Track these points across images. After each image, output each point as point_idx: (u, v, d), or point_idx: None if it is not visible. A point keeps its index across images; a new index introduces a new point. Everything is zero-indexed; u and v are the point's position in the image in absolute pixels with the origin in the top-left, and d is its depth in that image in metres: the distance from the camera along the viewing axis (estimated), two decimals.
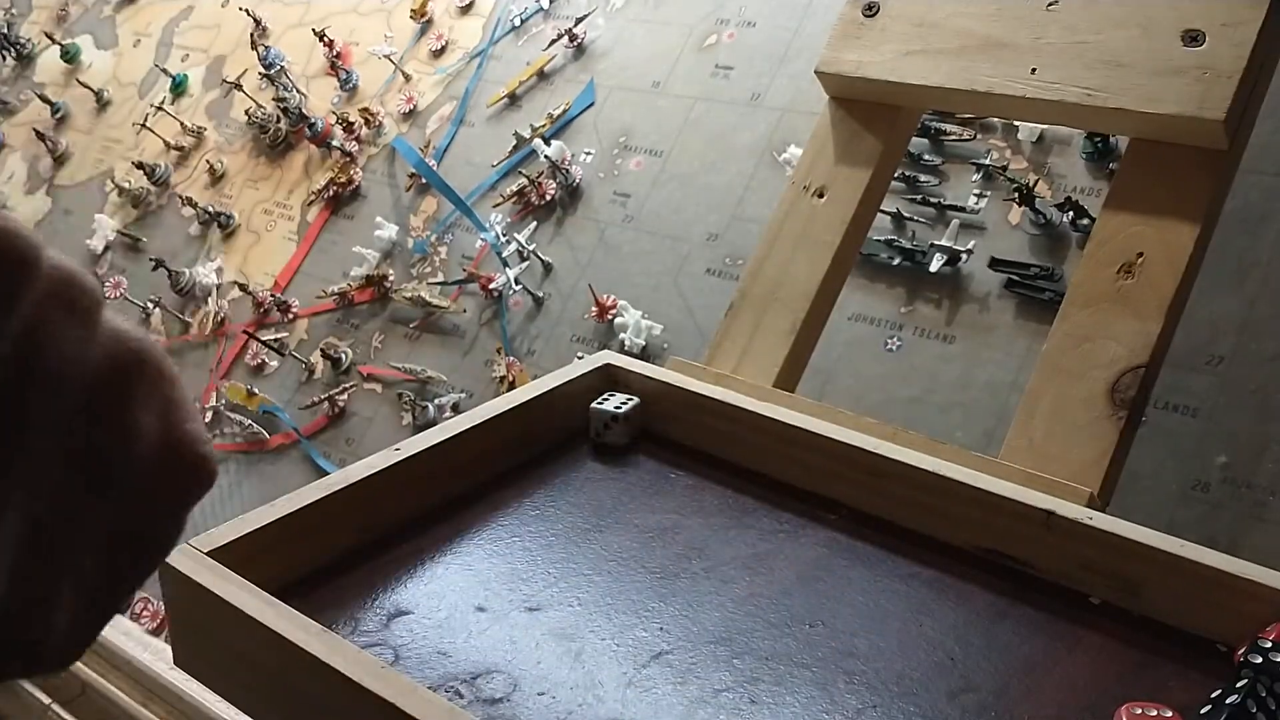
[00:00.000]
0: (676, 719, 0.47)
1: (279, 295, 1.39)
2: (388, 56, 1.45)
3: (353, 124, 1.44)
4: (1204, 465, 0.81)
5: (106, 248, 1.62)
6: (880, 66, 0.77)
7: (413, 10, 1.48)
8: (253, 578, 0.53)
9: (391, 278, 1.31)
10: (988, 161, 0.99)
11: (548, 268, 1.20)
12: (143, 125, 1.65)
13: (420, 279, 1.29)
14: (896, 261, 1.00)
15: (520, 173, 1.26)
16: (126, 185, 1.63)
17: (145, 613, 1.28)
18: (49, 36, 1.84)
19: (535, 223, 1.23)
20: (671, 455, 0.68)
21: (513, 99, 1.34)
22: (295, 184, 1.49)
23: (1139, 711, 0.45)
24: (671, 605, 0.54)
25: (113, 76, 1.79)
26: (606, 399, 0.70)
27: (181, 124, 1.62)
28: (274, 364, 1.37)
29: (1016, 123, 0.99)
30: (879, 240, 1.00)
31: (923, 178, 1.02)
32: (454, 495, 0.66)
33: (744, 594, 0.55)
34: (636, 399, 0.70)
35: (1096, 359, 0.65)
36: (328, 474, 0.74)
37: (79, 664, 1.24)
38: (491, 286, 1.21)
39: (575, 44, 1.32)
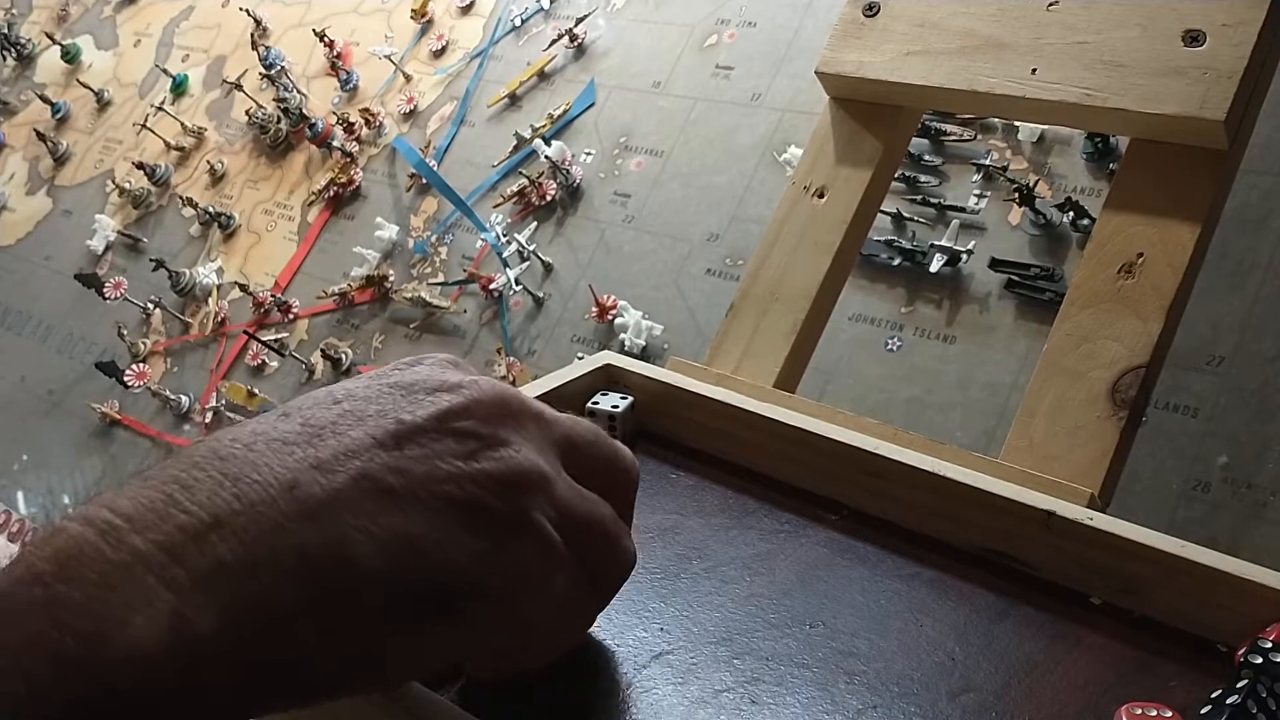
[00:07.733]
0: (677, 719, 0.47)
1: (279, 295, 1.40)
2: (388, 57, 1.45)
3: (353, 124, 1.44)
4: (1204, 465, 0.81)
5: (107, 248, 1.62)
6: (881, 67, 0.77)
7: (413, 10, 1.48)
8: None
9: (392, 278, 1.31)
10: (988, 162, 0.99)
11: (548, 268, 1.20)
12: (143, 125, 1.65)
13: (420, 279, 1.29)
14: (897, 262, 1.00)
15: (521, 173, 1.26)
16: (127, 185, 1.63)
17: None
18: (49, 37, 1.85)
19: (535, 223, 1.23)
20: (672, 455, 0.67)
21: (513, 99, 1.34)
22: (295, 184, 1.49)
23: (1139, 711, 0.45)
24: (671, 605, 0.54)
25: (113, 77, 1.79)
26: (600, 399, 0.70)
27: (182, 124, 1.62)
28: (274, 364, 1.37)
29: (1017, 123, 0.99)
30: (879, 240, 1.00)
31: (923, 178, 1.02)
32: None
33: (744, 594, 0.55)
34: (631, 397, 0.70)
35: (1097, 359, 0.65)
36: None
37: None
38: (492, 287, 1.21)
39: (576, 44, 1.32)
